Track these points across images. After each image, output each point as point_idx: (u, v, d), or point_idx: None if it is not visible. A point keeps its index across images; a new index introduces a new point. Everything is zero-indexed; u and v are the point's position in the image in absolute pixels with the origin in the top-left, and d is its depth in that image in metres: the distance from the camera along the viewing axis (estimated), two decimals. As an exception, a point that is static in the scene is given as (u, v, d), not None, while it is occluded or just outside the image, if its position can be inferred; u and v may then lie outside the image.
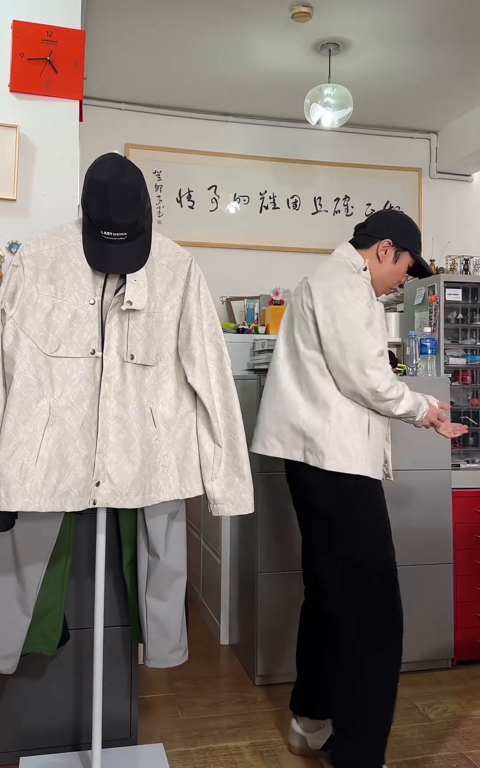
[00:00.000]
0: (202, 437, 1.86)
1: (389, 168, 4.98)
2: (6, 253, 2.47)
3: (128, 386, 1.79)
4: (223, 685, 2.68)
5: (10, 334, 1.75)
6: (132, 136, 4.56)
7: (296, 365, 2.07)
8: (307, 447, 2.00)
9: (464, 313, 4.40)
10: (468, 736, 2.29)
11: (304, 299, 2.07)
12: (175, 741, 2.25)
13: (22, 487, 1.67)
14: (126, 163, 1.76)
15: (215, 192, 4.67)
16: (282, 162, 4.79)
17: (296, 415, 2.02)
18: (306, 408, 2.02)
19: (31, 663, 2.09)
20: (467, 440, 4.34)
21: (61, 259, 1.80)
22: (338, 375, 1.97)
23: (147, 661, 1.96)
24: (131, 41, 3.78)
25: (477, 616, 2.88)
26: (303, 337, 2.05)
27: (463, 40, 3.75)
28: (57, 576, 1.95)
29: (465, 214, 5.13)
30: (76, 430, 1.74)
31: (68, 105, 2.58)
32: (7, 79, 2.51)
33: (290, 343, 2.11)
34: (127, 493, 1.74)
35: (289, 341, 2.12)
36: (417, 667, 2.81)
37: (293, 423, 2.03)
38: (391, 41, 3.76)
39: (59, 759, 2.05)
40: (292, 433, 2.03)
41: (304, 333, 2.05)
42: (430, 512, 2.80)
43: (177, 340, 1.88)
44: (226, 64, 4.03)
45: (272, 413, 2.10)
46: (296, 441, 2.02)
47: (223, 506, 1.85)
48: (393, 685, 1.93)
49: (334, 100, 3.88)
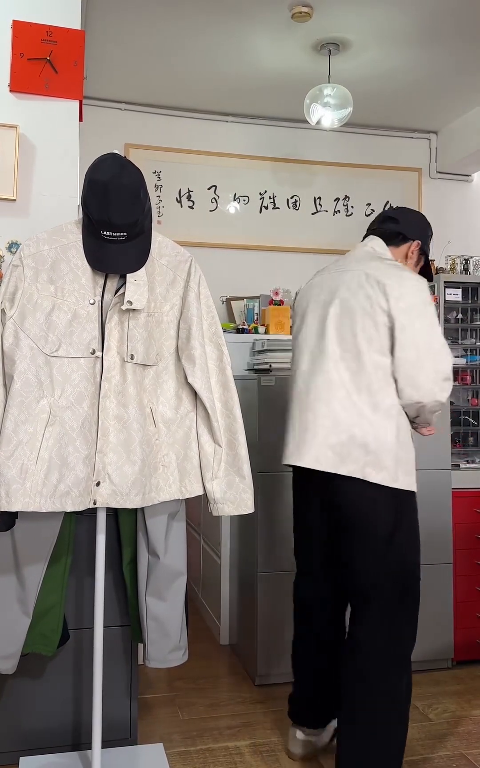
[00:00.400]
0: (203, 437, 1.86)
1: (389, 168, 4.98)
2: (6, 253, 2.47)
3: (128, 386, 1.79)
4: (223, 685, 2.68)
5: (10, 334, 1.75)
6: (132, 136, 4.56)
7: (356, 369, 1.88)
8: (367, 461, 1.84)
9: (464, 313, 4.41)
10: (468, 736, 2.29)
11: (373, 297, 1.89)
12: (174, 741, 2.25)
13: (22, 487, 1.67)
14: (126, 163, 1.76)
15: (215, 192, 4.67)
16: (282, 162, 4.79)
17: (360, 426, 1.85)
18: (370, 419, 1.85)
19: (31, 663, 2.09)
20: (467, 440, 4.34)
21: (61, 259, 1.80)
22: (406, 383, 1.86)
23: (147, 661, 1.96)
24: (131, 41, 3.78)
25: (477, 616, 2.88)
26: (368, 338, 1.87)
27: (463, 40, 3.75)
28: (57, 576, 1.95)
29: (465, 214, 5.13)
30: (76, 430, 1.74)
31: (68, 105, 2.58)
32: (7, 79, 2.51)
33: (347, 343, 1.90)
34: (127, 493, 1.74)
35: (343, 341, 1.91)
36: (417, 667, 2.81)
37: (356, 434, 1.85)
38: (391, 41, 3.76)
39: (59, 759, 2.05)
40: (352, 446, 1.85)
41: (370, 333, 1.87)
42: (430, 512, 2.80)
43: (177, 339, 1.88)
44: (226, 64, 4.03)
45: (330, 422, 1.87)
46: (356, 454, 1.84)
47: (223, 506, 1.85)
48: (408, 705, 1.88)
49: (333, 100, 3.88)
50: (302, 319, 2.06)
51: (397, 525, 1.88)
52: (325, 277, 2.05)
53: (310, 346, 1.98)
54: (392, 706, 1.83)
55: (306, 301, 2.06)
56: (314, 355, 1.96)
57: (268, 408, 2.69)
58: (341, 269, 2.01)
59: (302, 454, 1.91)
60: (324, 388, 1.91)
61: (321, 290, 2.03)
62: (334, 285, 1.99)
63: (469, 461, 3.11)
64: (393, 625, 1.87)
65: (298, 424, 1.95)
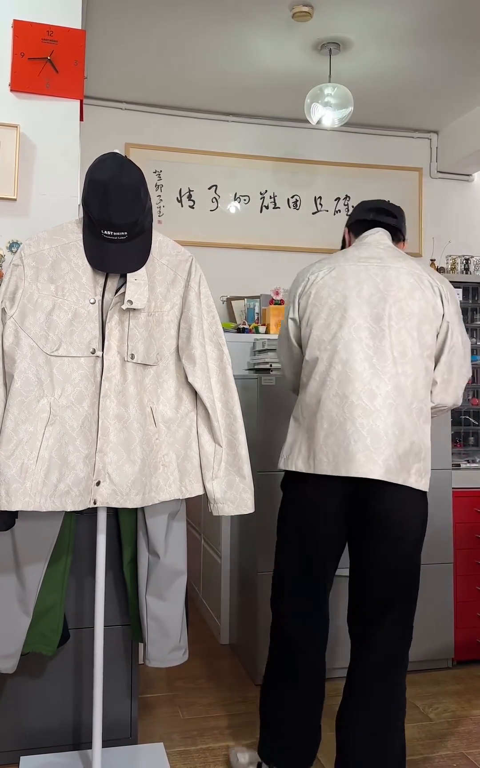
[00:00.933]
0: (203, 437, 1.86)
1: (390, 168, 4.98)
2: (6, 253, 2.47)
3: (129, 386, 1.79)
4: (224, 685, 2.68)
5: (10, 334, 1.75)
6: (132, 136, 4.56)
7: (412, 374, 1.81)
8: (418, 468, 1.79)
9: (465, 313, 4.40)
10: (468, 736, 2.29)
11: (432, 301, 1.84)
12: (175, 740, 2.25)
13: (22, 487, 1.67)
14: (126, 163, 1.76)
15: (216, 192, 4.67)
16: (282, 162, 4.79)
17: (417, 434, 1.79)
18: (420, 425, 1.80)
19: (32, 662, 2.09)
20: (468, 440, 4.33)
21: (62, 258, 1.80)
22: (444, 387, 1.87)
23: (147, 660, 1.96)
24: (131, 41, 3.78)
25: (477, 615, 2.88)
26: (424, 342, 1.82)
27: (464, 40, 3.75)
28: (57, 575, 1.95)
29: (465, 214, 5.13)
30: (76, 429, 1.74)
31: (69, 104, 2.58)
32: (7, 78, 2.51)
33: (405, 347, 1.81)
34: (127, 492, 1.74)
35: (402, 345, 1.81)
36: (417, 666, 2.81)
37: (415, 442, 1.78)
38: (392, 41, 3.76)
39: (59, 758, 2.05)
40: (411, 454, 1.78)
41: (426, 339, 1.83)
42: (431, 512, 2.79)
43: (177, 339, 1.88)
44: (227, 64, 4.03)
45: (399, 430, 1.76)
46: (412, 462, 1.78)
47: (223, 506, 1.85)
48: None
49: (334, 99, 3.87)
50: (343, 313, 1.84)
51: (424, 528, 1.86)
52: (357, 269, 1.89)
53: (365, 346, 1.80)
54: (403, 701, 1.84)
55: (338, 293, 1.86)
56: (370, 356, 1.79)
57: (269, 408, 2.69)
58: (379, 264, 1.88)
59: (367, 464, 1.74)
60: (393, 394, 1.78)
61: (360, 284, 1.85)
62: (378, 281, 1.85)
63: (469, 461, 3.11)
64: (408, 626, 1.86)
65: (354, 430, 1.75)
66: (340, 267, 1.90)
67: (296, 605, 1.88)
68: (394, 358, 1.79)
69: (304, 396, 1.89)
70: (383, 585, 1.81)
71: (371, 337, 1.81)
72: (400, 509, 1.78)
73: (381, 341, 1.80)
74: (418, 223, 5.02)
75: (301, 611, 1.88)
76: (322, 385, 1.83)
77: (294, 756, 1.88)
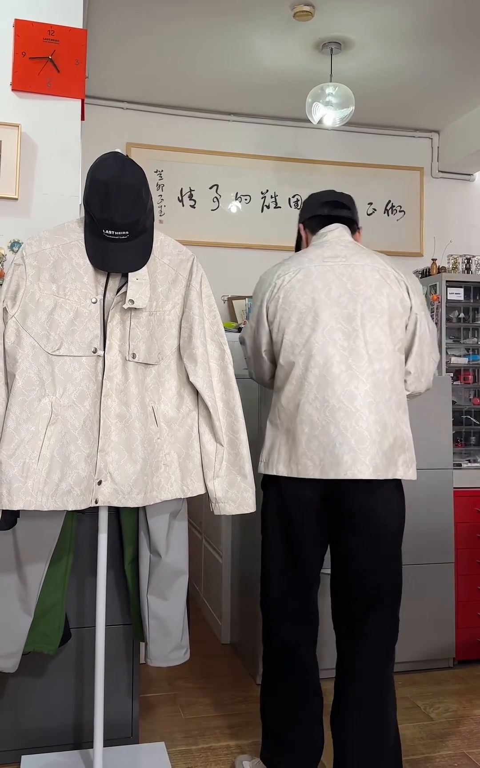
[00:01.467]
0: (204, 436, 1.86)
1: (391, 167, 4.98)
2: (8, 252, 2.47)
3: (130, 385, 1.79)
4: (225, 684, 2.68)
5: (12, 333, 1.75)
6: (133, 135, 4.56)
7: (389, 369, 1.83)
8: (404, 460, 1.82)
9: (466, 312, 4.40)
10: (469, 736, 2.29)
11: (400, 295, 1.87)
12: (176, 740, 2.25)
13: (24, 486, 1.67)
14: (128, 162, 1.76)
15: (217, 191, 4.67)
16: (284, 161, 4.79)
17: (399, 427, 1.83)
18: (401, 417, 1.84)
19: (33, 662, 2.09)
20: (469, 440, 4.33)
21: (63, 257, 1.80)
22: (418, 376, 1.92)
23: (148, 660, 1.96)
24: (132, 40, 3.78)
25: (478, 615, 2.88)
26: (396, 337, 1.86)
27: (465, 40, 3.75)
28: (58, 575, 1.95)
29: (467, 214, 5.13)
30: (77, 428, 1.74)
31: (70, 104, 2.58)
32: (9, 78, 2.51)
33: (379, 343, 1.84)
34: (128, 491, 1.74)
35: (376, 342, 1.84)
36: (418, 666, 2.81)
37: (398, 435, 1.82)
38: (393, 40, 3.76)
39: (61, 758, 2.05)
40: (396, 448, 1.81)
41: (398, 333, 1.86)
42: (432, 512, 2.80)
43: (179, 338, 1.88)
44: (228, 63, 4.03)
45: (380, 427, 1.79)
46: (397, 455, 1.81)
47: (224, 505, 1.85)
48: None
49: (335, 99, 3.87)
50: (314, 316, 1.84)
51: (403, 519, 1.88)
52: (323, 270, 1.88)
53: (340, 347, 1.81)
54: (393, 694, 1.86)
55: (307, 296, 1.85)
56: (346, 357, 1.81)
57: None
58: (344, 263, 1.89)
59: (354, 465, 1.76)
60: (371, 393, 1.79)
61: (327, 285, 1.85)
62: (346, 281, 1.86)
63: (470, 461, 3.11)
64: (397, 619, 1.88)
65: (338, 433, 1.77)
66: (306, 269, 1.89)
67: (286, 606, 1.89)
68: (369, 356, 1.81)
69: (279, 400, 1.89)
70: (370, 581, 1.82)
71: (345, 338, 1.82)
72: (381, 503, 1.80)
73: (355, 341, 1.82)
74: (419, 222, 5.02)
75: (292, 611, 1.89)
76: (299, 389, 1.83)
77: (297, 759, 1.87)
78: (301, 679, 1.88)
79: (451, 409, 2.85)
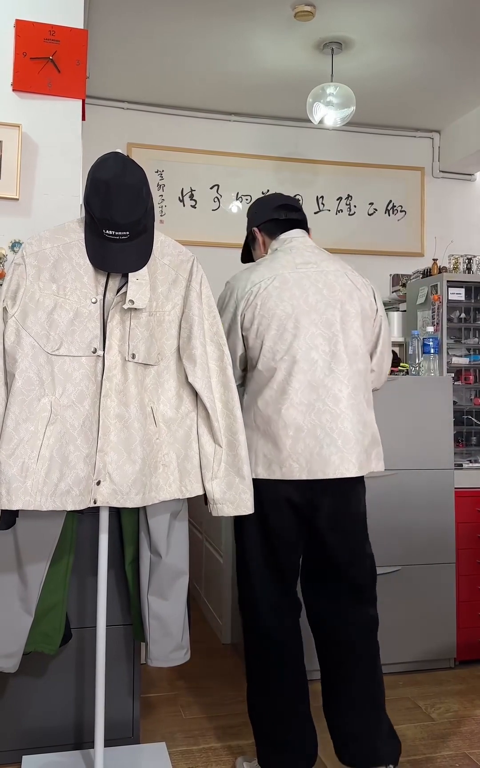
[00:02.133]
0: (203, 437, 1.86)
1: (392, 167, 4.98)
2: (8, 252, 2.47)
3: (129, 385, 1.79)
4: (225, 684, 2.68)
5: (11, 333, 1.75)
6: (134, 136, 4.56)
7: (362, 370, 1.93)
8: (377, 453, 1.94)
9: (467, 313, 4.40)
10: (470, 736, 2.29)
11: (369, 299, 1.97)
12: (177, 740, 2.25)
13: (23, 486, 1.67)
14: (128, 162, 1.76)
15: (217, 191, 4.67)
16: (284, 161, 4.79)
17: (373, 424, 1.94)
18: (372, 413, 1.95)
19: (34, 662, 2.09)
20: (470, 440, 4.33)
21: (64, 257, 1.80)
22: (377, 375, 2.05)
23: (149, 660, 1.96)
24: (133, 40, 3.79)
25: (479, 615, 2.88)
26: (367, 339, 1.96)
27: (466, 40, 3.75)
28: (59, 575, 1.95)
29: (468, 214, 5.13)
30: (77, 428, 1.74)
31: (71, 104, 2.58)
32: (9, 78, 2.52)
33: (355, 346, 1.92)
34: (127, 492, 1.74)
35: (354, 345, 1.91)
36: (419, 666, 2.81)
37: (373, 433, 1.94)
38: (394, 40, 3.76)
39: (61, 758, 2.05)
40: (372, 443, 1.92)
41: (368, 336, 1.97)
42: (433, 512, 2.80)
43: (178, 339, 1.88)
44: (229, 63, 4.03)
45: (362, 426, 1.89)
46: (372, 450, 1.92)
47: (222, 506, 1.84)
48: None
49: (336, 99, 3.88)
50: (295, 323, 1.87)
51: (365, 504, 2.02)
52: (298, 276, 1.92)
53: (322, 353, 1.87)
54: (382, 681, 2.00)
55: (286, 303, 1.88)
56: (329, 362, 1.87)
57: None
58: (316, 270, 1.93)
59: (343, 465, 1.84)
60: (352, 394, 1.87)
61: (304, 291, 1.90)
62: (321, 287, 1.91)
63: (471, 461, 3.10)
64: (375, 593, 2.01)
65: (324, 435, 1.83)
66: (281, 275, 1.93)
67: (272, 605, 1.94)
68: (349, 359, 1.89)
69: (257, 405, 1.91)
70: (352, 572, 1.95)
71: (326, 342, 1.88)
72: (354, 498, 1.94)
73: (336, 345, 1.89)
74: (420, 222, 5.02)
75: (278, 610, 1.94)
76: (281, 394, 1.87)
77: (298, 758, 1.89)
78: (291, 674, 1.91)
79: (452, 409, 2.85)
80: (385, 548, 2.72)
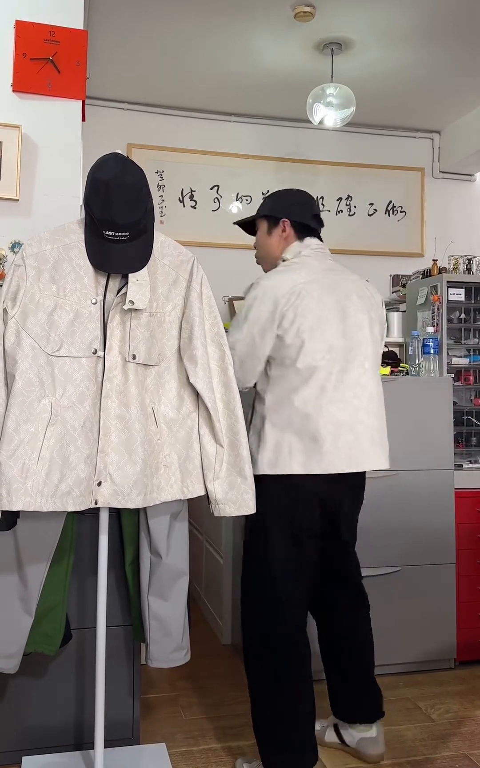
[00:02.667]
0: (204, 437, 1.86)
1: (392, 168, 4.98)
2: (8, 253, 2.47)
3: (130, 386, 1.79)
4: (226, 685, 2.68)
5: (12, 334, 1.75)
6: (134, 136, 4.56)
7: (377, 369, 2.10)
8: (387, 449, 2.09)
9: (467, 313, 4.40)
10: (471, 737, 2.29)
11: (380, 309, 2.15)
12: (177, 741, 2.25)
13: (23, 487, 1.67)
14: (128, 163, 1.76)
15: (217, 192, 4.67)
16: (284, 162, 4.79)
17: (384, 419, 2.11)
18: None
19: (34, 662, 2.09)
20: (470, 440, 4.33)
21: (64, 258, 1.80)
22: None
23: (149, 660, 1.96)
24: (133, 41, 3.79)
25: (479, 616, 2.88)
26: (376, 341, 2.10)
27: (466, 40, 3.75)
28: (59, 575, 1.95)
29: (468, 214, 5.13)
30: (77, 429, 1.74)
31: (71, 105, 2.58)
32: (9, 78, 2.52)
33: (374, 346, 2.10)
34: (128, 493, 1.74)
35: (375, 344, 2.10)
36: (419, 667, 2.81)
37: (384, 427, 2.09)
38: (394, 40, 3.76)
39: (61, 758, 2.05)
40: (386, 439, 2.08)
41: (376, 337, 2.10)
42: (433, 512, 2.79)
43: (179, 340, 1.88)
44: (229, 64, 4.03)
45: (384, 424, 2.08)
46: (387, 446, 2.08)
47: (224, 507, 1.85)
48: None
49: (336, 99, 3.88)
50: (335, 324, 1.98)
51: None
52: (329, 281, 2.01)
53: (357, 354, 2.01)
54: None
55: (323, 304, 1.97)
56: (363, 362, 2.01)
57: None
58: (342, 277, 2.07)
59: (379, 458, 2.02)
60: (376, 392, 2.04)
61: (337, 296, 2.01)
62: (350, 293, 2.04)
63: (471, 461, 3.10)
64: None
65: (363, 430, 1.98)
66: (318, 279, 2.01)
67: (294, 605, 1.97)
68: (373, 360, 2.06)
69: (292, 402, 1.95)
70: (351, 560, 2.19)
71: (359, 345, 2.02)
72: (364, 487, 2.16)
73: (366, 347, 2.03)
74: (420, 223, 5.02)
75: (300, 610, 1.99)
76: (321, 391, 1.95)
77: (301, 758, 1.91)
78: (299, 675, 1.93)
79: (452, 409, 2.85)
80: (385, 548, 2.72)
